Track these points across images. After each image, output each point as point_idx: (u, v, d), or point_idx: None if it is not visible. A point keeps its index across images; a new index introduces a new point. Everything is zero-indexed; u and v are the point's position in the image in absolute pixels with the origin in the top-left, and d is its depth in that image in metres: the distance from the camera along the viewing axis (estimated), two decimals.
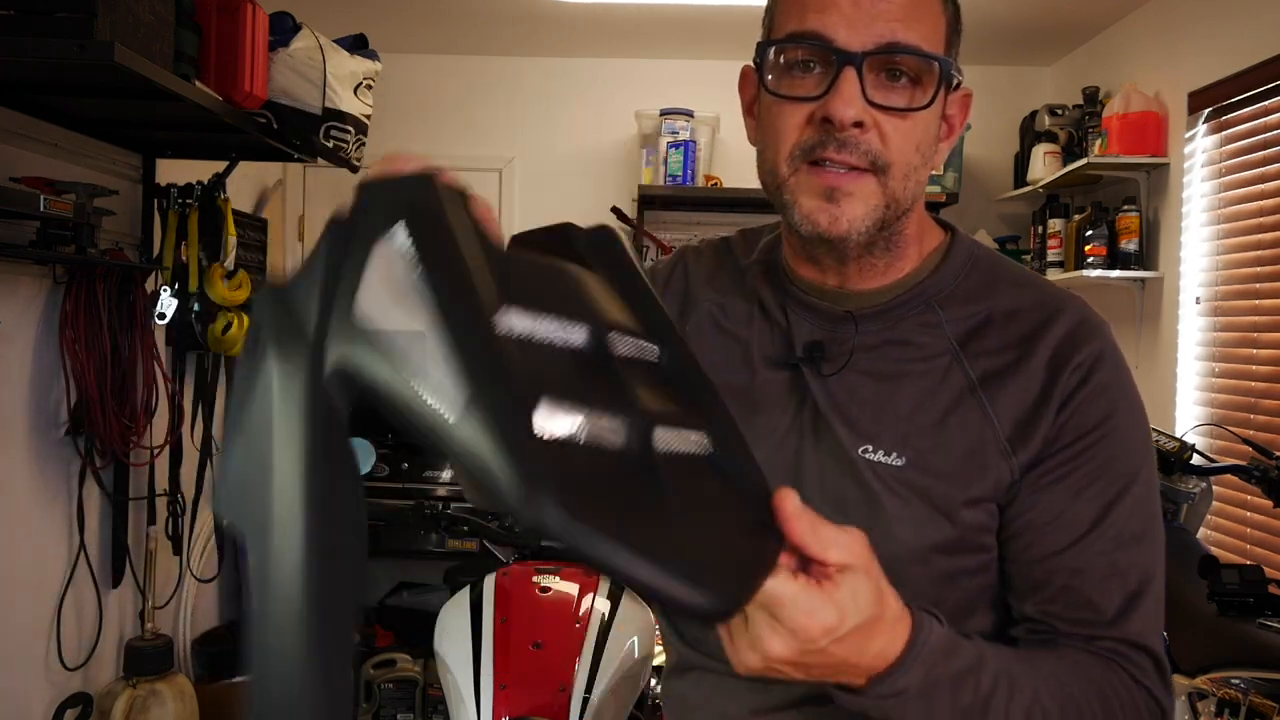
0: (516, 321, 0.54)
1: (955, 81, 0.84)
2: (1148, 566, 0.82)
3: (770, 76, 0.84)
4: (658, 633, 2.16)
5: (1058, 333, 0.84)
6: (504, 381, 0.50)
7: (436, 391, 0.49)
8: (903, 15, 0.80)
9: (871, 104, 0.80)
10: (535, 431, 0.50)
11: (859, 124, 0.80)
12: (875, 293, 0.90)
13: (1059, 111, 3.71)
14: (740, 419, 0.68)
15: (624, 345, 0.61)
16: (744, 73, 0.91)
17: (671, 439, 0.59)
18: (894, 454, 0.83)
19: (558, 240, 0.67)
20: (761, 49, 0.85)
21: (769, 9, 0.88)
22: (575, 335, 0.58)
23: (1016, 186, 3.94)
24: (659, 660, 2.23)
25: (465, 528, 2.27)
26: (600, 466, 0.54)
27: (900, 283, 0.90)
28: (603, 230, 0.68)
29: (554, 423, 0.52)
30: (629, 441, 0.56)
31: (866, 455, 0.84)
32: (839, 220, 0.82)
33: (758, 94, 0.88)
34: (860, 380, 0.87)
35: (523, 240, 0.69)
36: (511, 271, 0.56)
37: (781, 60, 0.83)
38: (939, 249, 0.92)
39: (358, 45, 2.96)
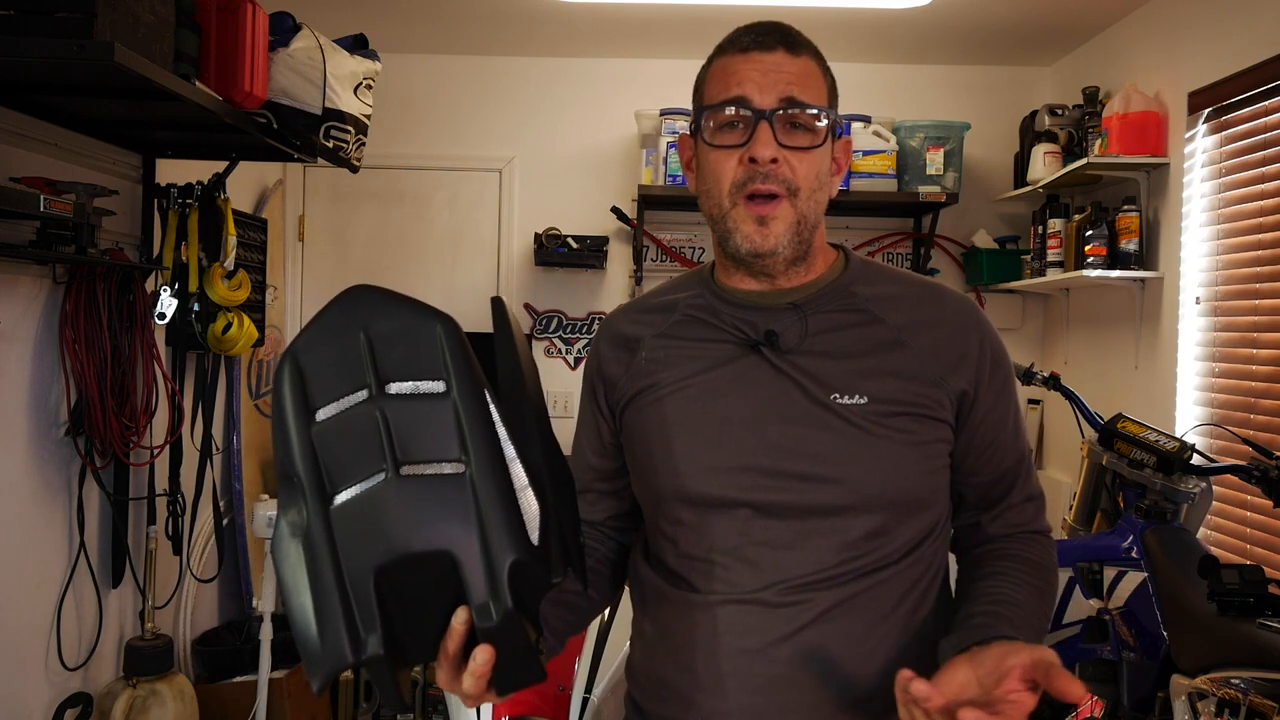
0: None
1: (839, 131, 1.16)
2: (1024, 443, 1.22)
3: (707, 134, 1.13)
4: None
5: (953, 300, 1.18)
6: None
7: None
8: (796, 81, 1.11)
9: (781, 145, 1.10)
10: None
11: (774, 160, 1.09)
12: (797, 289, 1.17)
13: (1059, 111, 3.70)
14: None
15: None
16: (681, 139, 1.22)
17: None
18: (857, 396, 1.11)
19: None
20: (698, 113, 1.15)
21: (698, 88, 1.18)
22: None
23: (1016, 186, 3.94)
24: None
25: None
26: None
27: (814, 282, 1.18)
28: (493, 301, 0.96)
29: None
30: None
31: (837, 401, 1.11)
32: (769, 238, 1.11)
33: (695, 152, 1.17)
34: (813, 349, 1.13)
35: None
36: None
37: (714, 121, 1.13)
38: (838, 258, 1.22)
39: (358, 45, 2.95)
